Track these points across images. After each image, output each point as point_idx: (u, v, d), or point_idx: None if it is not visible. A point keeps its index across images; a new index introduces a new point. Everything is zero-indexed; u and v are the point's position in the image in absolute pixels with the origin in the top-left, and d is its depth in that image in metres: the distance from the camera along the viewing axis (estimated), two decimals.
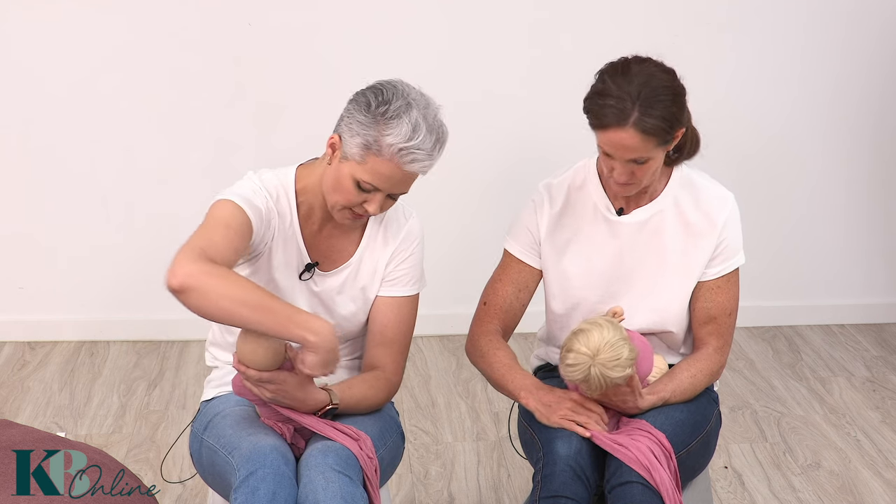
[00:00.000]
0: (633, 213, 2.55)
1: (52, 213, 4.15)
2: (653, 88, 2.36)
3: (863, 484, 3.35)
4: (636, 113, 2.34)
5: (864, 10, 4.21)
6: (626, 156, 2.39)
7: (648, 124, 2.34)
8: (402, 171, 2.30)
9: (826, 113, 4.31)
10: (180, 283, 2.16)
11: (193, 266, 2.17)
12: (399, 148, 2.27)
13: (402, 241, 2.52)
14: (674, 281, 2.56)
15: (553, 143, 4.12)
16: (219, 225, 2.28)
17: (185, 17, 4.01)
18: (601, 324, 2.37)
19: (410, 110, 2.29)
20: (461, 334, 4.33)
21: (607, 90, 2.37)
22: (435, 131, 2.32)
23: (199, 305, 2.17)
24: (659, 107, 2.35)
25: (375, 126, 2.28)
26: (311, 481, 2.26)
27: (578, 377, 2.35)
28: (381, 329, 2.52)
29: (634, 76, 2.37)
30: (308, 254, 2.46)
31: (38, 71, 4.02)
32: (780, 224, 4.39)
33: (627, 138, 2.36)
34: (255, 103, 4.10)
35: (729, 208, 2.56)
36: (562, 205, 2.58)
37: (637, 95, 2.34)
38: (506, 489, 3.32)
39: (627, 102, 2.34)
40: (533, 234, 2.60)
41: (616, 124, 2.35)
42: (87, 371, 4.02)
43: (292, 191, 2.44)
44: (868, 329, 4.46)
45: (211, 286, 2.16)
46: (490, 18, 4.09)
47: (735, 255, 2.58)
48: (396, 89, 2.33)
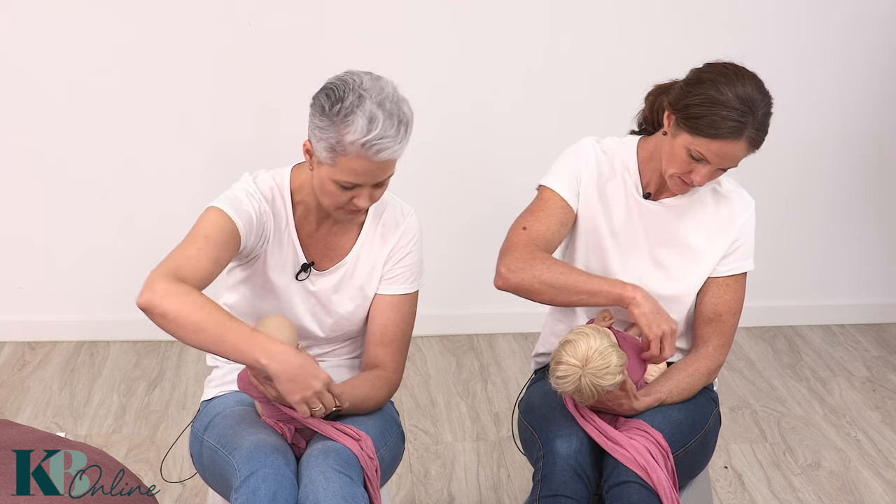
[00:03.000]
0: (661, 200, 2.59)
1: (52, 213, 4.15)
2: (766, 105, 2.41)
3: (863, 484, 3.35)
4: (753, 129, 2.39)
5: (864, 10, 4.21)
6: (725, 164, 2.44)
7: (758, 137, 2.41)
8: (374, 162, 2.28)
9: (826, 113, 4.31)
10: (145, 302, 2.19)
11: (160, 286, 2.18)
12: (361, 143, 2.26)
13: (400, 238, 2.52)
14: (690, 269, 2.59)
15: (553, 142, 4.11)
16: (198, 237, 2.29)
17: (185, 17, 4.00)
18: (588, 332, 2.37)
19: (363, 103, 2.26)
20: (461, 334, 4.36)
21: (727, 102, 2.39)
22: (395, 115, 2.27)
23: (162, 325, 2.19)
24: (767, 121, 2.42)
25: (334, 128, 2.27)
26: (311, 481, 2.26)
27: (570, 388, 2.36)
28: (381, 328, 2.52)
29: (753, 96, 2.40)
30: (304, 254, 2.46)
31: (37, 71, 4.02)
32: (780, 224, 4.39)
33: (738, 150, 2.41)
34: (255, 103, 4.10)
35: (749, 212, 2.62)
36: (604, 168, 2.59)
37: (757, 114, 2.39)
38: (506, 489, 3.32)
39: (749, 119, 2.38)
40: (577, 178, 2.59)
41: (732, 137, 2.39)
42: (87, 371, 4.02)
43: (288, 191, 2.44)
44: (868, 329, 4.46)
45: (172, 308, 2.17)
46: (491, 18, 4.09)
47: (747, 257, 2.62)
48: (347, 84, 2.30)
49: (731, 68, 2.45)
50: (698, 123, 2.40)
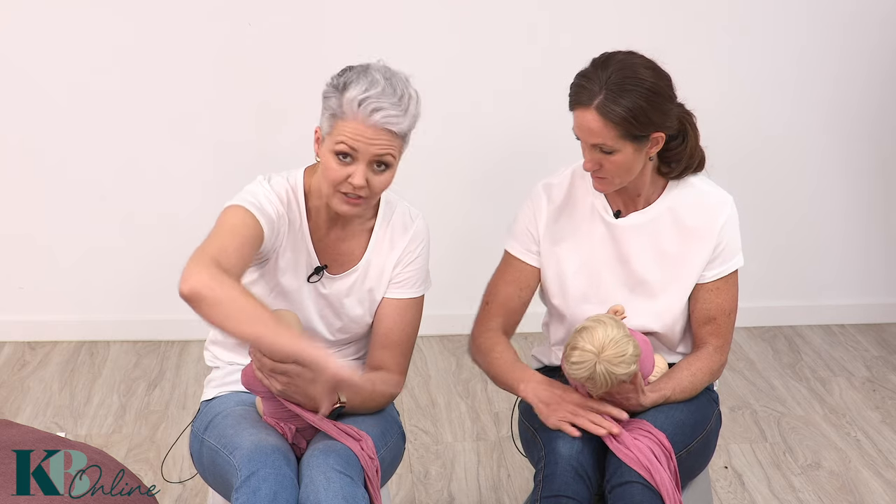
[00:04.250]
0: (630, 216, 2.56)
1: (52, 213, 4.15)
2: (625, 78, 2.38)
3: (863, 484, 3.35)
4: (601, 96, 2.37)
5: (864, 10, 4.21)
6: (589, 139, 2.41)
7: (610, 110, 2.37)
8: (368, 127, 2.29)
9: (826, 113, 4.31)
10: (191, 289, 2.15)
11: (205, 274, 2.16)
12: (358, 101, 2.27)
13: (408, 242, 2.51)
14: (671, 284, 2.56)
15: (553, 141, 4.10)
16: (230, 234, 2.28)
17: (186, 17, 4.00)
18: (605, 321, 2.36)
19: (368, 71, 2.32)
20: (461, 334, 4.35)
21: (586, 72, 2.42)
22: (398, 87, 2.31)
23: (207, 314, 2.17)
24: (626, 97, 2.37)
25: (337, 95, 2.31)
26: (312, 481, 2.26)
27: (584, 375, 2.35)
28: (387, 331, 2.52)
29: (613, 64, 2.40)
30: (317, 257, 2.46)
31: (38, 71, 4.02)
32: (780, 224, 4.39)
33: (590, 119, 2.39)
34: (256, 103, 4.10)
35: (727, 211, 2.56)
36: (560, 204, 2.59)
37: (607, 80, 2.38)
38: (506, 489, 3.32)
39: (596, 85, 2.38)
40: (532, 234, 2.60)
41: (581, 104, 2.40)
42: (87, 371, 4.02)
43: (301, 193, 2.44)
44: (868, 329, 4.46)
45: (219, 298, 2.15)
46: (492, 17, 4.09)
47: (733, 257, 2.58)
48: (360, 64, 2.36)
49: (613, 53, 2.45)
50: (568, 98, 2.44)
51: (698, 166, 2.57)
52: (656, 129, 2.43)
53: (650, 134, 2.42)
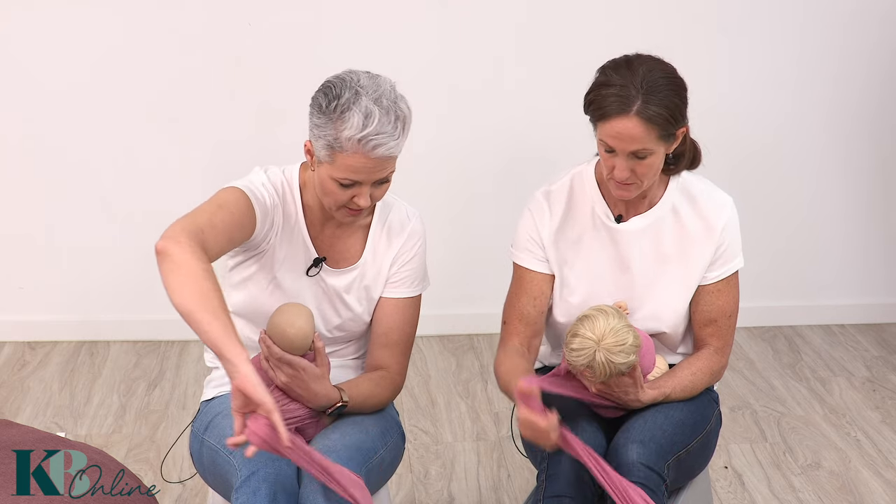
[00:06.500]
0: (632, 220, 2.55)
1: (51, 213, 4.15)
2: (656, 78, 2.37)
3: (863, 484, 3.35)
4: (640, 101, 2.34)
5: (863, 9, 4.21)
6: (628, 147, 2.37)
7: (652, 112, 2.34)
8: (371, 159, 2.29)
9: (825, 113, 4.31)
10: (163, 248, 2.12)
11: (184, 240, 2.13)
12: (358, 139, 2.26)
13: (405, 242, 2.52)
14: (673, 287, 2.56)
15: (553, 142, 4.12)
16: (221, 210, 2.27)
17: (186, 17, 4.01)
18: (607, 311, 2.38)
19: (359, 99, 2.27)
20: (461, 334, 4.35)
21: (610, 81, 2.38)
22: (391, 112, 2.28)
23: (164, 272, 2.12)
24: (661, 95, 2.36)
25: (331, 125, 2.28)
26: (312, 481, 2.26)
27: (583, 362, 2.36)
28: (386, 331, 2.52)
29: (637, 68, 2.38)
30: (315, 250, 2.46)
31: (37, 70, 4.02)
32: (780, 225, 4.39)
33: (631, 127, 2.35)
34: (255, 103, 4.10)
35: (728, 213, 2.55)
36: (562, 212, 2.57)
37: (641, 83, 2.35)
38: (506, 489, 3.32)
39: (631, 90, 2.34)
40: (536, 242, 2.58)
41: (619, 112, 2.35)
42: (87, 371, 4.02)
43: (297, 187, 2.45)
44: (868, 329, 4.46)
45: (180, 264, 2.10)
46: (488, 18, 4.09)
47: (734, 258, 2.57)
48: (344, 82, 2.31)
49: (626, 56, 2.43)
50: (592, 111, 2.40)
51: (695, 159, 2.57)
52: (683, 122, 2.43)
53: (678, 130, 2.43)
